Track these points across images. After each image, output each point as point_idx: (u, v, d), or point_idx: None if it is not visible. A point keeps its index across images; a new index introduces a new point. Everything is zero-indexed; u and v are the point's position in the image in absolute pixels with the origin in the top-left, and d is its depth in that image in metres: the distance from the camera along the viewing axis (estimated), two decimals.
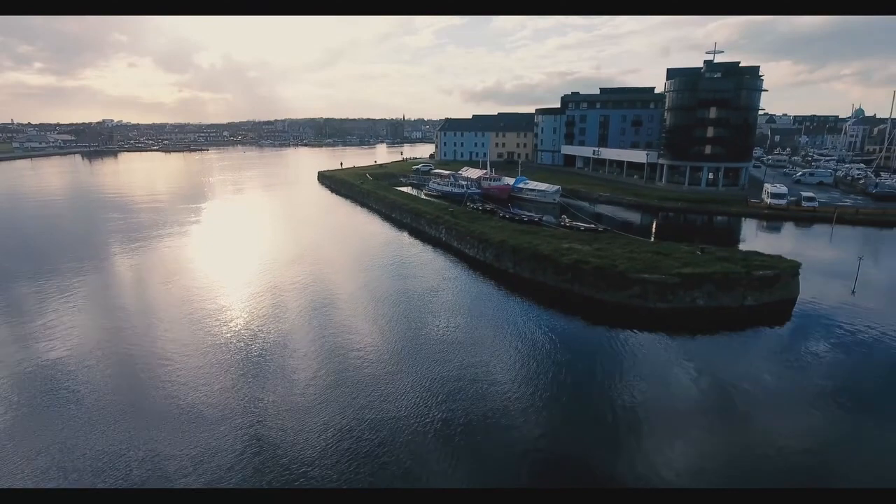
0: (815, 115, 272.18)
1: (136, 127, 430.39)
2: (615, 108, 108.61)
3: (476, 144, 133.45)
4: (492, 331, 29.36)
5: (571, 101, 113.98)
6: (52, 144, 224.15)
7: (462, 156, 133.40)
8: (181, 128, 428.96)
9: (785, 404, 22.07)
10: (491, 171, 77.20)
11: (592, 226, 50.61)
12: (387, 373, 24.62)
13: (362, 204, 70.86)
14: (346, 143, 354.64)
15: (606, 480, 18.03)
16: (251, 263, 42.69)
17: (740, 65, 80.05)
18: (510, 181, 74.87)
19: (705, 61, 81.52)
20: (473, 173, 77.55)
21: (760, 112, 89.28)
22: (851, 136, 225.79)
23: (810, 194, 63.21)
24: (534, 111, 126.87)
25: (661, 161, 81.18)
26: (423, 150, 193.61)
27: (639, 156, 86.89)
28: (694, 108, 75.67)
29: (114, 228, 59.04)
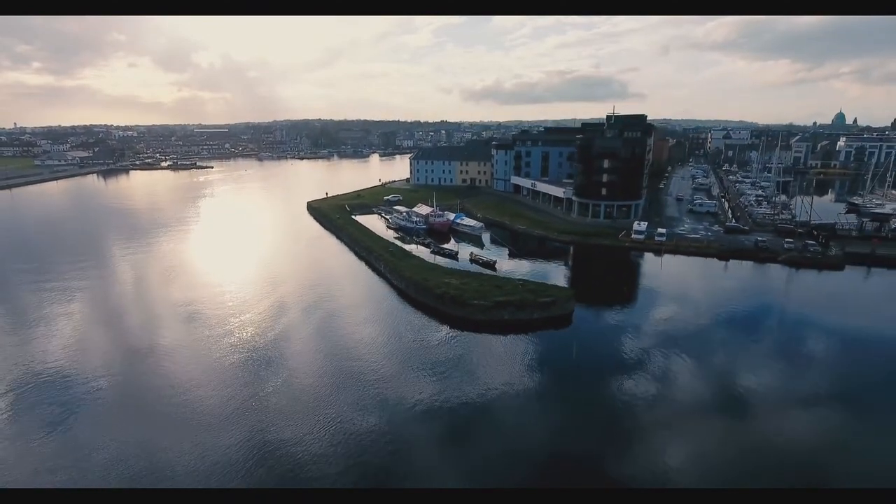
0: (769, 128, 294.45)
1: (143, 138, 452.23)
2: (554, 145, 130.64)
3: (444, 171, 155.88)
4: (391, 329, 51.73)
5: (520, 139, 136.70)
6: (70, 162, 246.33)
7: (432, 181, 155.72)
8: (186, 137, 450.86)
9: (532, 368, 44.43)
10: (436, 208, 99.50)
11: (489, 260, 72.97)
12: (303, 353, 46.97)
13: (338, 236, 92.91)
14: (340, 154, 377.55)
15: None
16: (243, 289, 64.83)
17: (646, 119, 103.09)
18: (451, 216, 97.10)
19: (606, 116, 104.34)
20: (424, 210, 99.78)
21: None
22: (797, 151, 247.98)
23: (662, 230, 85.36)
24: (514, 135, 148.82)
25: (573, 197, 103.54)
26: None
27: (559, 191, 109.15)
28: (593, 158, 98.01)
29: (145, 256, 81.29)
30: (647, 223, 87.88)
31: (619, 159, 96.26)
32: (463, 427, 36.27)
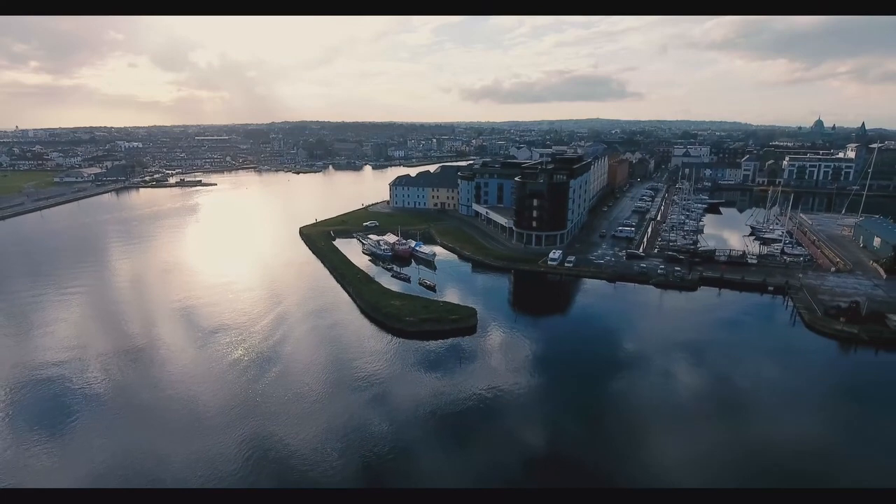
0: (729, 146, 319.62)
1: (148, 149, 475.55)
2: (507, 178, 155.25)
3: (418, 196, 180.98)
4: (351, 335, 76.50)
5: (478, 172, 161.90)
6: (86, 179, 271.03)
7: (409, 204, 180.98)
8: (189, 149, 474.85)
9: (453, 365, 69.23)
10: (400, 237, 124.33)
11: (432, 283, 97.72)
12: (284, 356, 71.73)
13: (322, 262, 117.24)
14: (335, 166, 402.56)
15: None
16: (249, 306, 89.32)
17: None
18: (412, 244, 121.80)
19: (542, 159, 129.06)
20: (391, 239, 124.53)
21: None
22: (746, 170, 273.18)
23: (571, 257, 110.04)
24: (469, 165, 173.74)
25: (513, 227, 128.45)
26: (402, 174, 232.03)
27: (504, 220, 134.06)
28: (525, 197, 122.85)
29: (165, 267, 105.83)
30: (560, 252, 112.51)
31: (545, 199, 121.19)
32: (385, 392, 61.02)
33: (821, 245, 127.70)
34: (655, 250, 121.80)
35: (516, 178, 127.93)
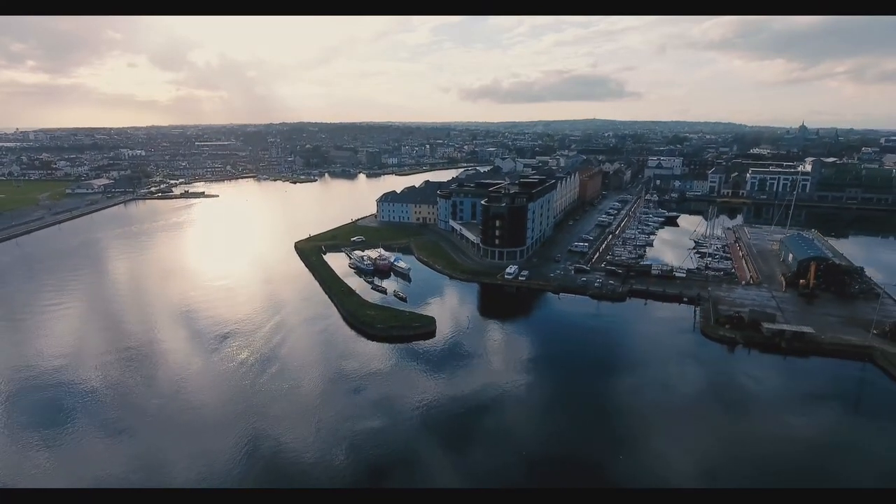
0: (699, 158, 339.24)
1: (151, 157, 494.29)
2: (480, 197, 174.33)
3: (403, 211, 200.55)
4: (334, 338, 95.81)
5: (454, 192, 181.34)
6: (96, 191, 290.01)
7: (394, 218, 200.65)
8: (190, 156, 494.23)
9: (418, 365, 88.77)
10: (380, 253, 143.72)
11: (404, 296, 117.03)
12: (272, 356, 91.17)
13: (314, 275, 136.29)
14: (331, 174, 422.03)
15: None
16: (252, 315, 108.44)
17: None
18: (392, 258, 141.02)
19: (508, 183, 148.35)
20: (373, 254, 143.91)
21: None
22: (712, 182, 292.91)
23: (525, 272, 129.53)
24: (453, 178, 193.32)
25: (480, 243, 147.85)
26: (394, 183, 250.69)
27: (473, 237, 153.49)
28: (489, 218, 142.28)
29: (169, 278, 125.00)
30: (516, 266, 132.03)
31: (506, 220, 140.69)
32: (357, 378, 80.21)
33: (746, 259, 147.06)
34: (602, 264, 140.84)
35: (482, 202, 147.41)
